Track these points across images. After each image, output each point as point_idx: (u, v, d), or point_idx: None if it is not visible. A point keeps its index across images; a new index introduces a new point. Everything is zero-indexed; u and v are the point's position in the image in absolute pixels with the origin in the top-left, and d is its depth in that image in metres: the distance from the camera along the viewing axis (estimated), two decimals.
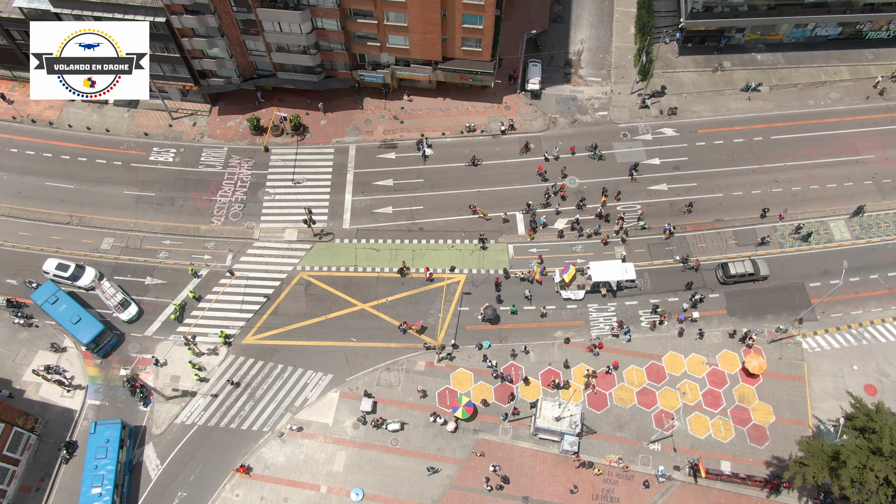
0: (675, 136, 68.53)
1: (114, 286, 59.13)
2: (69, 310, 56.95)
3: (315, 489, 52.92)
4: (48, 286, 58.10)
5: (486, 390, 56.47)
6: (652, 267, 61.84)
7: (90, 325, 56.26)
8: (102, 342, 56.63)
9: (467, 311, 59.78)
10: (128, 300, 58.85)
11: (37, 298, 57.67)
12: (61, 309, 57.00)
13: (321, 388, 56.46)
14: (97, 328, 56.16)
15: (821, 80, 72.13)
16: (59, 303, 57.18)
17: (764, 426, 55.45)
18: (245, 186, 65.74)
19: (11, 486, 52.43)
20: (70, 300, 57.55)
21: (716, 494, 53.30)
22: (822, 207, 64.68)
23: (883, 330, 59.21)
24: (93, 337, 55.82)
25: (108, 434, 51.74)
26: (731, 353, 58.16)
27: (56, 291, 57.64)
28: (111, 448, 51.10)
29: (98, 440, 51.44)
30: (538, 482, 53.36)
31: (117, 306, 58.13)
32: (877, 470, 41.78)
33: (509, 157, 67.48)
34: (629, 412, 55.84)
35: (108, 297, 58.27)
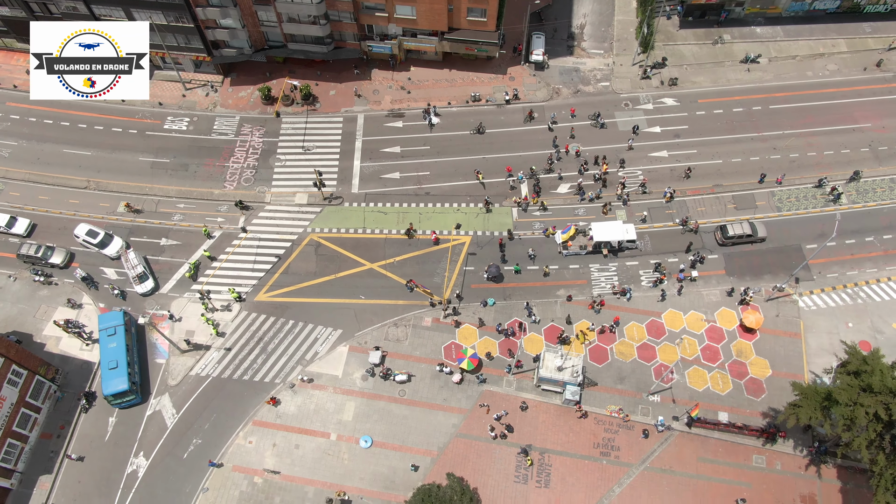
0: (676, 105, 70.20)
1: (138, 258, 60.55)
2: (115, 351, 54.94)
3: (325, 437, 54.79)
4: (116, 317, 56.59)
5: (490, 345, 58.23)
6: (652, 229, 63.51)
7: (117, 380, 54.04)
8: (122, 399, 54.92)
9: (472, 270, 61.59)
10: (146, 274, 60.12)
11: (101, 320, 56.83)
12: (110, 346, 55.24)
13: (331, 342, 58.34)
14: (122, 387, 53.95)
15: (819, 52, 73.65)
16: (113, 338, 55.50)
17: (761, 379, 57.04)
18: (257, 153, 67.74)
19: (33, 433, 54.52)
20: (122, 342, 55.32)
21: (713, 444, 54.92)
22: (819, 173, 66.14)
23: (878, 289, 60.70)
24: (114, 392, 54.09)
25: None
26: (729, 311, 59.79)
27: (118, 326, 55.83)
28: None
29: None
30: (541, 431, 55.09)
31: (135, 278, 59.65)
32: (867, 406, 43.33)
33: (514, 125, 69.30)
34: (629, 366, 57.53)
35: (130, 267, 59.86)
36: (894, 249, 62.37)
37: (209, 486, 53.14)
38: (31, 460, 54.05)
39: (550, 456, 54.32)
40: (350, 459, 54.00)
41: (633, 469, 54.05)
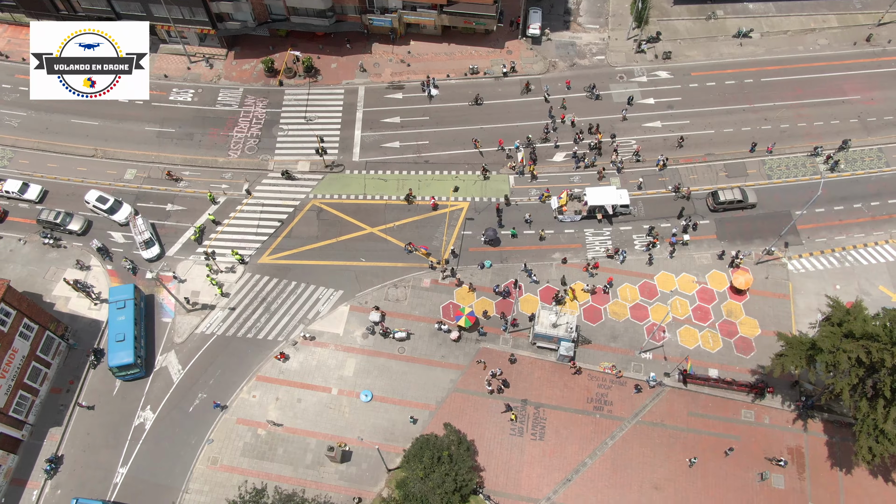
0: (670, 78, 71.87)
1: (145, 224, 61.97)
2: (123, 324, 55.80)
3: (327, 391, 56.45)
4: (127, 290, 57.50)
5: (487, 304, 59.90)
6: (646, 196, 65.16)
7: (123, 353, 54.97)
8: (126, 371, 56.00)
9: (470, 234, 63.26)
10: (153, 241, 61.54)
11: (112, 293, 57.82)
12: (119, 318, 56.07)
13: (332, 302, 60.01)
14: (126, 360, 54.91)
15: (810, 27, 75.35)
16: (122, 311, 56.32)
17: (750, 338, 58.69)
18: (260, 123, 69.42)
19: (44, 387, 56.18)
20: (131, 316, 56.21)
21: (704, 399, 56.56)
22: (809, 143, 67.82)
23: (865, 253, 62.35)
24: (119, 364, 55.08)
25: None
26: (719, 273, 61.43)
27: (129, 300, 56.79)
28: None
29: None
30: (536, 387, 56.74)
31: (142, 244, 61.11)
32: (849, 351, 44.92)
33: (511, 97, 70.96)
34: (622, 325, 59.19)
35: (137, 233, 61.32)
36: (882, 215, 64.06)
37: (214, 437, 54.79)
38: (42, 413, 55.70)
39: (545, 410, 55.96)
40: (351, 412, 55.67)
41: (625, 423, 55.69)
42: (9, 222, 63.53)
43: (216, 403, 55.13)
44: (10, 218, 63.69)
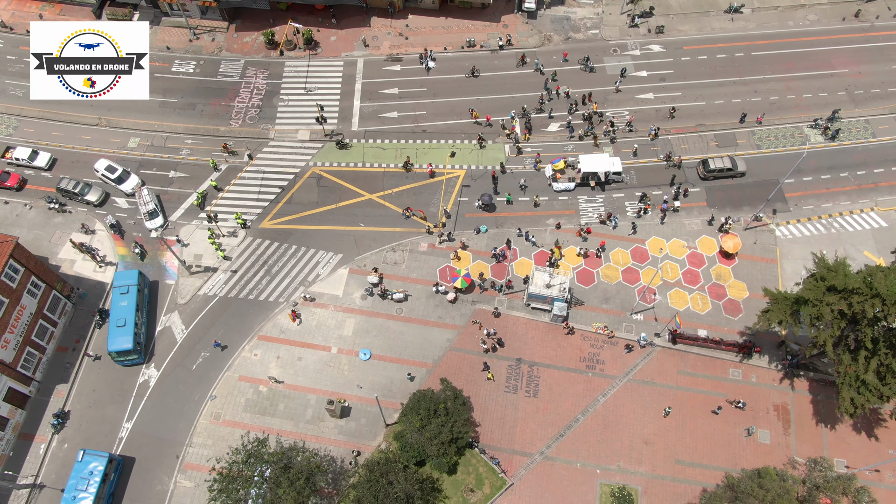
0: (662, 51, 73.37)
1: (151, 195, 63.05)
2: (125, 310, 56.08)
3: (326, 350, 57.99)
4: (131, 276, 57.60)
5: (483, 268, 61.46)
6: (637, 164, 66.73)
7: (123, 338, 55.34)
8: (125, 357, 56.36)
9: (466, 201, 64.75)
10: (157, 212, 62.58)
11: (116, 278, 58.16)
12: (121, 304, 56.32)
13: (332, 265, 61.50)
14: (125, 346, 55.26)
15: (800, 3, 76.85)
16: (125, 296, 56.55)
17: (738, 300, 60.38)
18: (261, 94, 70.73)
19: (50, 345, 57.59)
20: (133, 301, 56.42)
21: (693, 358, 58.28)
22: (797, 114, 69.46)
23: (851, 220, 64.04)
24: (118, 350, 55.47)
25: None
26: (709, 239, 63.07)
27: (132, 286, 56.93)
28: None
29: None
30: (530, 346, 58.37)
31: (146, 214, 62.28)
32: (832, 304, 46.60)
33: (507, 69, 72.40)
34: (614, 287, 60.82)
35: (142, 203, 62.41)
36: (867, 184, 65.76)
37: (216, 394, 56.34)
38: (48, 370, 57.12)
39: (539, 368, 57.61)
40: (350, 370, 57.25)
41: (616, 381, 57.38)
42: (27, 190, 64.72)
43: (216, 343, 56.88)
44: (29, 186, 64.97)
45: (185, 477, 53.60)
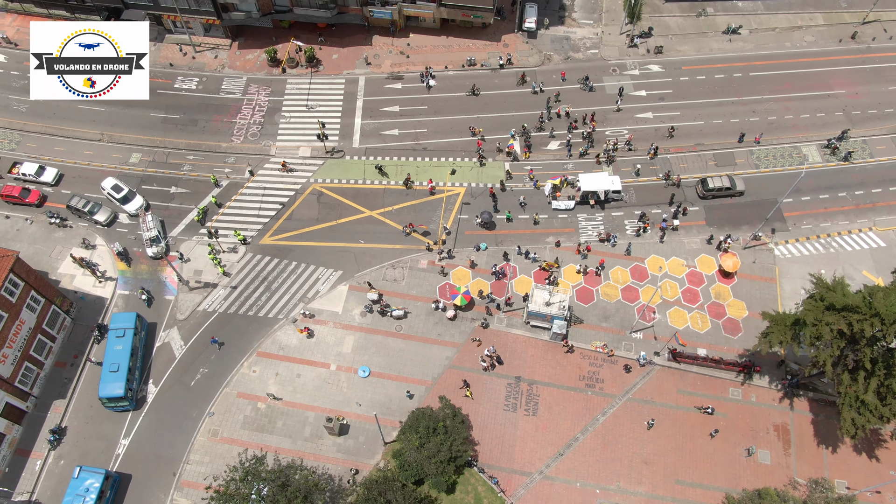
0: (661, 71, 74.03)
1: (154, 220, 62.68)
2: (119, 354, 55.13)
3: (325, 367, 57.85)
4: (129, 318, 56.71)
5: (482, 285, 61.50)
6: (637, 183, 67.04)
7: (114, 385, 54.23)
8: (116, 403, 55.30)
9: (466, 218, 64.96)
10: (159, 239, 62.03)
11: (114, 320, 57.32)
12: (116, 347, 55.38)
13: (332, 282, 61.54)
14: (117, 392, 54.14)
15: (797, 25, 77.71)
16: (120, 340, 55.67)
17: (738, 319, 60.39)
18: (262, 111, 71.21)
19: (49, 360, 57.44)
20: (129, 346, 55.42)
21: (692, 377, 58.16)
22: (795, 134, 69.96)
23: (849, 240, 64.26)
24: (109, 396, 54.49)
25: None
26: (708, 258, 63.22)
27: (129, 329, 55.97)
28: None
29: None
30: (529, 364, 58.27)
31: (147, 240, 61.80)
32: (831, 323, 46.65)
33: (507, 88, 72.98)
34: (614, 306, 60.85)
35: (146, 229, 61.97)
36: (865, 204, 66.05)
37: (215, 410, 56.10)
38: (46, 386, 56.91)
39: (538, 387, 57.45)
40: (349, 387, 57.07)
41: (616, 400, 57.21)
42: (30, 205, 64.61)
43: (213, 339, 56.91)
44: (48, 203, 65.15)
45: (181, 495, 53.22)
